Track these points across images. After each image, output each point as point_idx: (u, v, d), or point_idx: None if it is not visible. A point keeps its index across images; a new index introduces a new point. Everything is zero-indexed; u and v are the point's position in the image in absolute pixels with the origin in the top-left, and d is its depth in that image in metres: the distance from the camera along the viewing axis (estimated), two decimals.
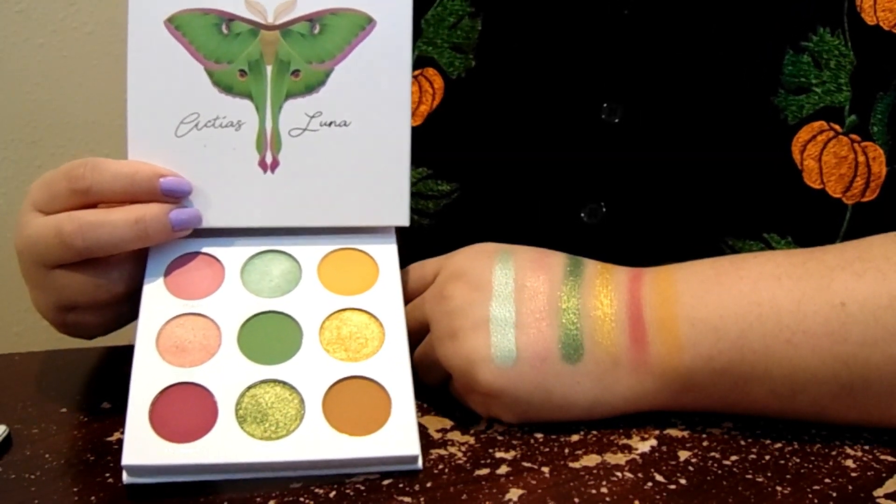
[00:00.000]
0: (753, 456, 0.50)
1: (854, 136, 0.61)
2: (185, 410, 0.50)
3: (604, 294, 0.53)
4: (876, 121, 0.61)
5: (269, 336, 0.53)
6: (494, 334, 0.52)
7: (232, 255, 0.56)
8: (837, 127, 0.61)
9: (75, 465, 0.52)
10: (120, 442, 0.53)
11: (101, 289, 0.55)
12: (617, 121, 0.65)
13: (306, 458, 0.49)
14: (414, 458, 0.50)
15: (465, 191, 0.68)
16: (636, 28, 0.64)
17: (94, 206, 0.55)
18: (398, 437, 0.50)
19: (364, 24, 0.57)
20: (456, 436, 0.53)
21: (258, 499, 0.48)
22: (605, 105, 0.65)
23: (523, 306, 0.53)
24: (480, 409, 0.55)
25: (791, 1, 0.62)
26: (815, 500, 0.46)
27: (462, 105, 0.66)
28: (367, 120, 0.57)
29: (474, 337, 0.52)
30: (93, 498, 0.48)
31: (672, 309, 0.52)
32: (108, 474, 0.50)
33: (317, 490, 0.48)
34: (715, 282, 0.52)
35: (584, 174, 0.66)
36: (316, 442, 0.49)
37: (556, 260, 0.55)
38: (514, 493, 0.47)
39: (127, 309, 0.57)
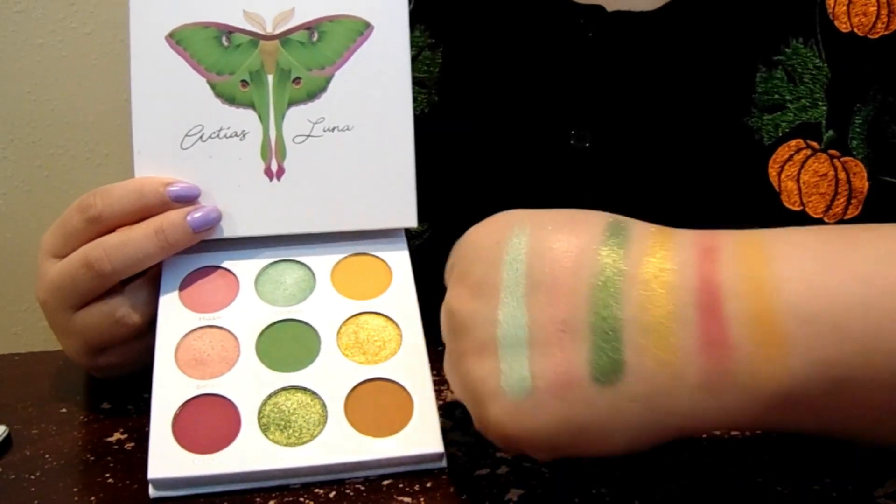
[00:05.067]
0: (754, 456, 0.49)
1: (833, 152, 0.58)
2: (208, 422, 0.49)
3: (657, 281, 0.39)
4: (854, 134, 0.58)
5: (287, 344, 0.52)
6: (504, 359, 0.40)
7: (245, 267, 0.55)
8: (815, 144, 0.59)
9: (75, 465, 0.51)
10: (120, 442, 0.53)
11: (119, 324, 0.54)
12: (587, 145, 0.62)
13: (331, 462, 0.48)
14: (439, 456, 0.49)
15: (436, 230, 0.66)
16: (601, 50, 0.62)
17: (109, 233, 0.54)
18: (422, 435, 0.49)
19: (362, 29, 0.56)
20: (456, 436, 0.52)
21: (258, 499, 0.47)
22: (572, 132, 0.63)
23: (539, 312, 0.40)
24: (506, 450, 0.46)
25: (762, 13, 0.59)
26: (816, 500, 0.45)
27: (427, 142, 0.62)
28: (369, 123, 0.56)
29: (480, 364, 0.41)
30: (93, 498, 0.48)
31: (770, 299, 0.38)
32: (108, 474, 0.50)
33: (317, 490, 0.48)
34: (827, 261, 0.39)
35: (557, 203, 0.63)
36: (340, 445, 0.48)
37: (591, 230, 0.41)
38: (514, 494, 0.47)
39: (152, 341, 0.56)
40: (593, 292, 0.39)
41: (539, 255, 0.41)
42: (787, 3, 0.59)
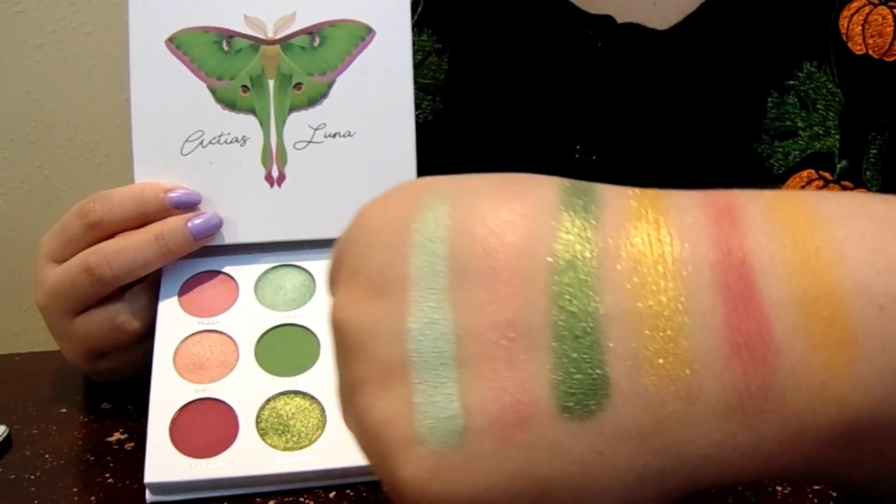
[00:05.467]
0: None
1: (846, 183, 0.56)
2: (206, 426, 0.49)
3: (652, 254, 0.26)
4: (869, 165, 0.56)
5: (287, 348, 0.52)
6: (420, 388, 0.27)
7: (245, 272, 0.55)
8: (827, 175, 0.56)
9: (75, 465, 0.51)
10: (120, 442, 0.53)
11: (119, 330, 0.53)
12: (593, 158, 0.61)
13: (330, 467, 0.48)
14: None
15: None
16: (610, 62, 0.61)
17: (109, 238, 0.53)
18: None
19: (363, 34, 0.56)
20: None
21: (258, 499, 0.47)
22: (578, 146, 0.61)
23: (471, 312, 0.27)
24: None
25: (775, 36, 0.58)
26: (815, 500, 0.45)
27: (430, 150, 0.59)
28: (371, 129, 0.56)
29: (385, 398, 0.27)
30: (93, 498, 0.48)
31: (829, 275, 0.25)
32: (108, 474, 0.50)
33: (317, 490, 0.48)
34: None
35: None
36: (339, 450, 0.48)
37: (541, 192, 0.28)
38: None
39: (151, 346, 0.56)
40: (553, 276, 0.26)
41: (466, 230, 0.27)
42: (800, 24, 0.58)
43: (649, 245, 0.26)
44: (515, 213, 0.27)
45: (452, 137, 0.65)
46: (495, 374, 0.26)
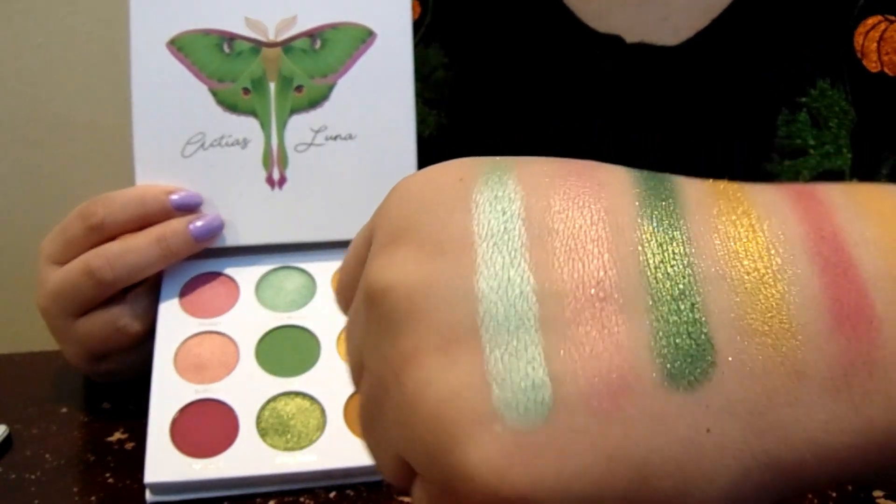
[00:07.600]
0: None
1: None
2: (206, 426, 0.49)
3: (742, 230, 0.24)
4: None
5: (287, 349, 0.52)
6: (496, 355, 0.22)
7: (246, 273, 0.55)
8: None
9: (75, 465, 0.51)
10: (120, 442, 0.53)
11: (121, 332, 0.53)
12: None
13: (330, 468, 0.48)
14: None
15: None
16: (618, 82, 0.60)
17: (111, 240, 0.53)
18: None
19: (364, 36, 0.56)
20: None
21: (258, 499, 0.48)
22: None
23: (554, 270, 0.23)
24: None
25: (788, 52, 0.56)
26: (815, 501, 0.45)
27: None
28: (371, 132, 0.56)
29: (448, 370, 0.22)
30: (93, 498, 0.48)
31: None
32: (108, 474, 0.50)
33: (317, 490, 0.48)
34: None
35: None
36: (339, 450, 0.48)
37: (614, 177, 0.26)
38: None
39: (153, 348, 0.56)
40: (645, 234, 0.24)
41: (538, 188, 0.25)
42: (814, 40, 0.56)
43: (739, 240, 0.24)
44: (590, 212, 0.24)
45: (456, 154, 0.65)
46: (586, 337, 0.22)
